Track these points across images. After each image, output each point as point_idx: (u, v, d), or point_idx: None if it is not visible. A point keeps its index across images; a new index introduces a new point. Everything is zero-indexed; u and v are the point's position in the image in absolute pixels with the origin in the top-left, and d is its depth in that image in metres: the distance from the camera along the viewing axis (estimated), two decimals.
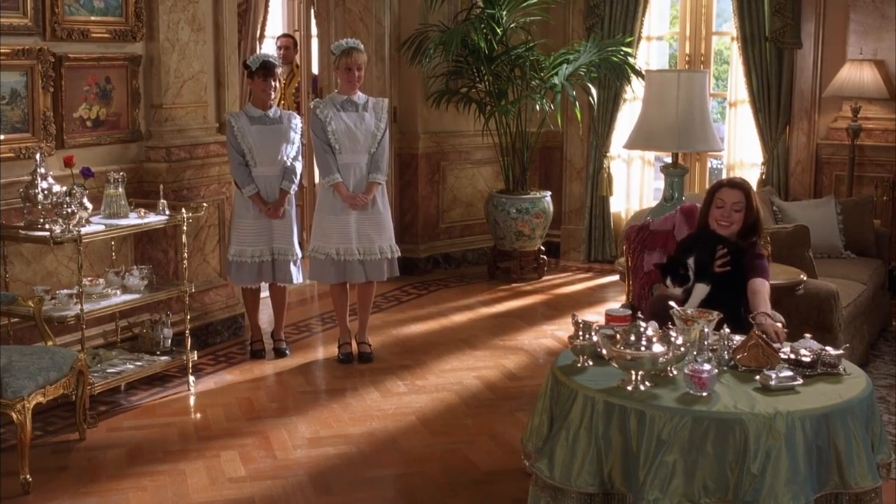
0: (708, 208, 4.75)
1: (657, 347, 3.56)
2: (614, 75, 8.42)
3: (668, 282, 4.64)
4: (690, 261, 4.61)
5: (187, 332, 5.88)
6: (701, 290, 4.58)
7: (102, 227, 5.43)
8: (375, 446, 5.08)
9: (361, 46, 6.24)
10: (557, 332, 7.04)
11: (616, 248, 9.02)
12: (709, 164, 9.42)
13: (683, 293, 4.62)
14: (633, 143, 7.15)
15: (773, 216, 6.96)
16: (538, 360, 6.47)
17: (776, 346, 3.85)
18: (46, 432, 5.18)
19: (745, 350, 3.77)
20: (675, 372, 3.67)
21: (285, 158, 6.25)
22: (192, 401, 5.73)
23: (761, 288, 4.45)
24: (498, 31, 8.21)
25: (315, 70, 9.23)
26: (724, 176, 9.29)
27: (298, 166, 6.35)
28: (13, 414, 4.47)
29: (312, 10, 9.14)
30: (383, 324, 7.17)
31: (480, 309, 7.70)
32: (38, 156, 5.32)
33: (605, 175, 8.99)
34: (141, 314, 6.10)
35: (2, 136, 5.45)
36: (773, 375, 3.58)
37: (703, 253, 4.62)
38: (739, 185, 4.73)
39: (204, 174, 6.47)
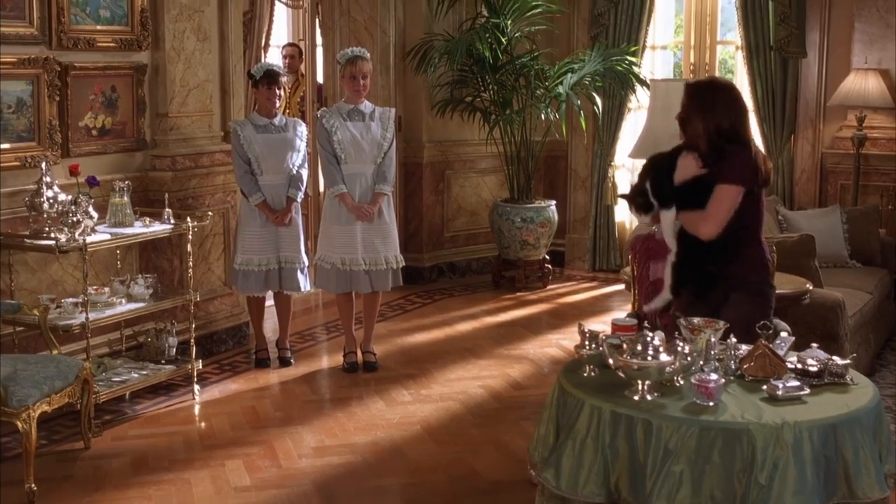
0: None
1: (664, 357, 3.55)
2: (619, 84, 8.42)
3: (634, 211, 4.30)
4: (647, 184, 4.19)
5: (192, 340, 5.88)
6: (668, 217, 4.18)
7: (108, 236, 5.43)
8: (380, 456, 5.07)
9: (367, 55, 6.24)
10: (562, 341, 7.03)
11: (621, 257, 9.01)
12: None
13: (652, 221, 4.31)
14: (638, 153, 7.12)
15: (778, 225, 6.96)
16: (543, 369, 6.46)
17: None
18: (51, 441, 5.19)
19: (751, 360, 3.76)
20: (681, 382, 3.65)
21: (291, 166, 6.26)
22: (196, 410, 5.73)
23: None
24: (503, 40, 8.23)
25: (320, 79, 9.24)
26: None
27: (304, 174, 6.36)
28: (18, 423, 4.47)
29: (317, 20, 9.15)
30: (388, 333, 7.17)
31: (485, 318, 7.70)
32: (43, 164, 5.32)
33: (610, 184, 8.99)
34: (146, 323, 6.10)
35: (7, 145, 5.46)
36: (780, 385, 3.57)
37: (657, 172, 4.20)
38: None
39: (209, 183, 6.47)
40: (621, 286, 8.25)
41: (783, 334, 4.15)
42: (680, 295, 4.31)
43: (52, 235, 5.19)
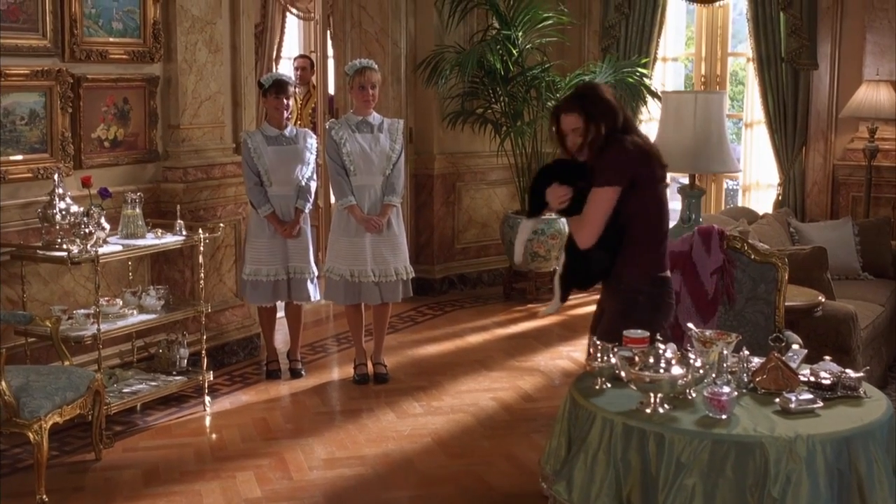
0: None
1: (676, 370, 3.54)
2: (630, 96, 8.41)
3: None
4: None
5: (203, 352, 5.88)
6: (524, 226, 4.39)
7: (119, 248, 5.44)
8: (391, 468, 5.06)
9: (375, 66, 6.25)
10: (573, 353, 7.02)
11: None
12: (725, 185, 9.40)
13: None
14: None
15: (790, 237, 6.94)
16: (554, 381, 6.45)
17: None
18: (63, 452, 5.19)
19: (764, 372, 3.75)
20: (694, 394, 3.64)
21: (300, 178, 6.27)
22: (207, 421, 5.73)
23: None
24: (514, 52, 8.23)
25: (331, 91, 9.27)
26: (739, 198, 9.26)
27: (313, 185, 6.37)
28: (30, 434, 4.48)
29: (328, 32, 9.18)
30: (399, 344, 7.16)
31: (496, 330, 7.69)
32: (56, 176, 5.34)
33: None
34: (157, 334, 6.11)
35: (20, 157, 5.48)
36: (793, 398, 3.55)
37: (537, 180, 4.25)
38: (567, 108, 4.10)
39: (220, 194, 6.49)
40: None
41: (795, 347, 4.13)
42: (567, 299, 4.36)
43: (65, 247, 5.21)
